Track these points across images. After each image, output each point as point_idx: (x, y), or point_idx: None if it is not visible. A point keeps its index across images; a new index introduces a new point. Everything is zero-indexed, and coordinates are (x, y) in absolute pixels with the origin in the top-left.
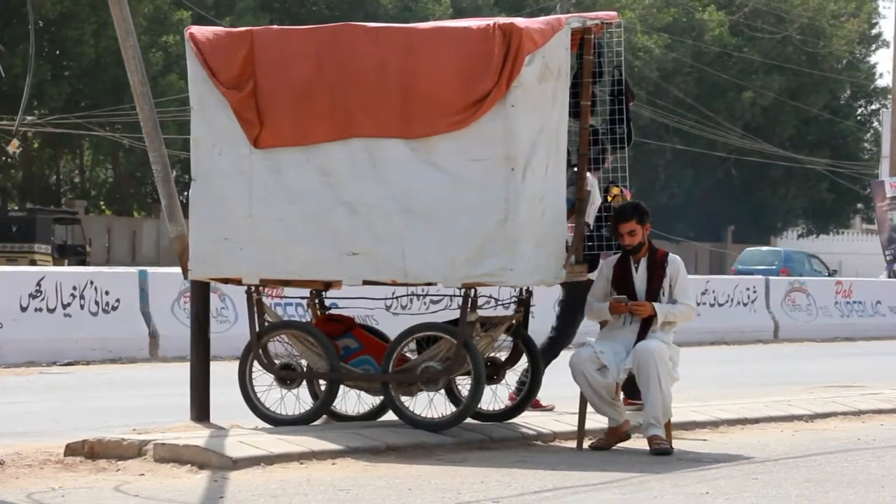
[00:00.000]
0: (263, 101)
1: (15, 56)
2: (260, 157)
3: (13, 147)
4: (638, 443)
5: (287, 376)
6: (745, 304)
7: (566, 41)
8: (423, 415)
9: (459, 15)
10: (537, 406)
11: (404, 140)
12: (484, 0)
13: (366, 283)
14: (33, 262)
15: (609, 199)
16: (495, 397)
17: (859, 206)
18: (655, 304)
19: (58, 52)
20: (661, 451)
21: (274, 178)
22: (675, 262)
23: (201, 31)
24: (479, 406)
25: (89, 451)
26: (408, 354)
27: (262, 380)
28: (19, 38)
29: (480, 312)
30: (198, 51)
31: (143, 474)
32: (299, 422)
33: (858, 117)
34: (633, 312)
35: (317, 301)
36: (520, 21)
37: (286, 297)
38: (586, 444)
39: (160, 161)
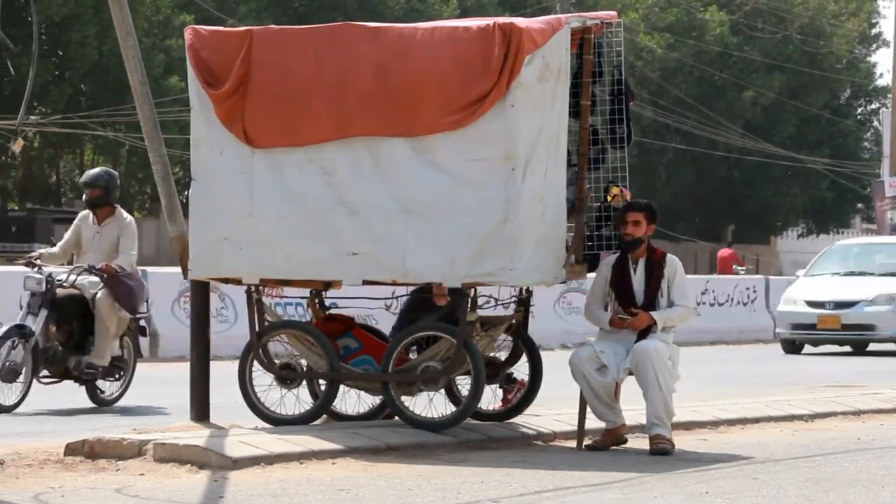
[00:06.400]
0: (261, 100)
1: (22, 56)
2: (260, 156)
3: (18, 146)
4: (638, 443)
5: (287, 376)
6: (744, 304)
7: (566, 41)
8: (423, 415)
9: (465, 15)
10: None
11: (405, 139)
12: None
13: (366, 283)
14: None
15: (609, 198)
16: (495, 397)
17: (859, 205)
18: (654, 314)
19: (61, 53)
20: (660, 451)
21: (274, 178)
22: (672, 262)
23: (201, 31)
24: (479, 406)
25: (89, 451)
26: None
27: (262, 380)
28: (25, 38)
29: (480, 312)
30: (192, 51)
31: (143, 474)
32: (299, 421)
33: (858, 117)
34: (633, 328)
35: (317, 301)
36: (520, 21)
37: (286, 297)
38: (586, 443)
39: (160, 161)
